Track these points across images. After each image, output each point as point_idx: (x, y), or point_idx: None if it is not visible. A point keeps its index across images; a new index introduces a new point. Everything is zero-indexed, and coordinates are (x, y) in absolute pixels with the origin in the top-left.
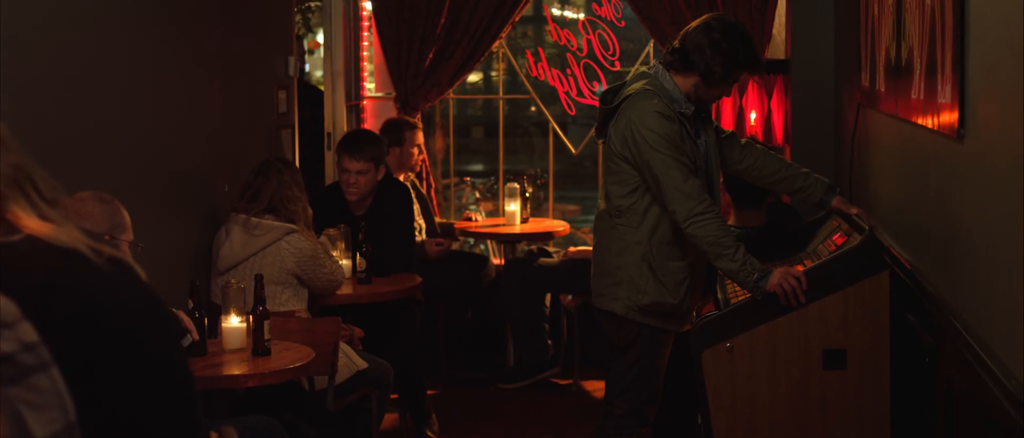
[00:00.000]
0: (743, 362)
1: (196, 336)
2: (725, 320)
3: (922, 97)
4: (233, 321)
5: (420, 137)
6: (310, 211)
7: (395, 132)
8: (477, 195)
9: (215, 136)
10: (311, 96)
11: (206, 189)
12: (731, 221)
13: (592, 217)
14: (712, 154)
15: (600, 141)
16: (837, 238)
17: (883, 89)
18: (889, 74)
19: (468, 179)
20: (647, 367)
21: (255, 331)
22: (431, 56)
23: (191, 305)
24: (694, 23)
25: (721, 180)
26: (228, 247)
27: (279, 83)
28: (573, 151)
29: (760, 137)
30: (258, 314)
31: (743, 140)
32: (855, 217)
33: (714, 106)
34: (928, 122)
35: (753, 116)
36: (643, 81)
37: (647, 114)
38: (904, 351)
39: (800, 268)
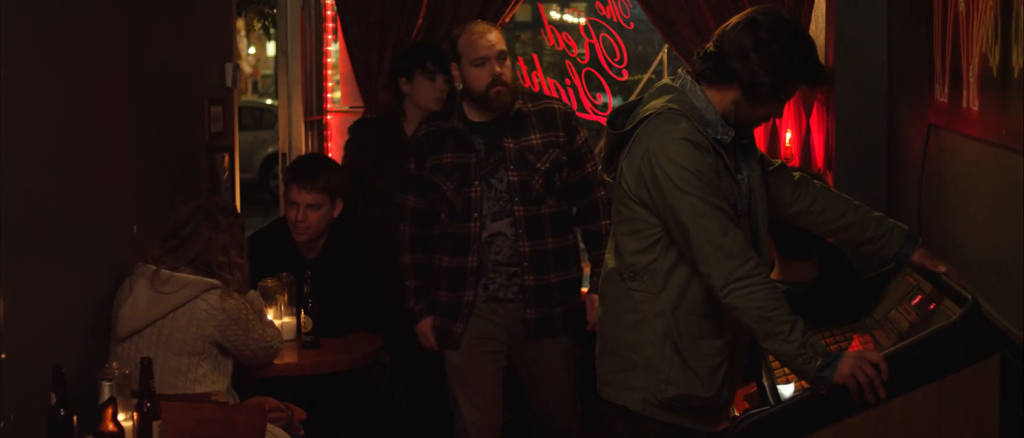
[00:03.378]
0: None
1: None
2: (777, 420)
3: None
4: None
5: None
6: (248, 288)
7: None
8: None
9: (123, 161)
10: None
11: (109, 230)
12: (773, 275)
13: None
14: (757, 194)
15: (607, 177)
16: (917, 303)
17: (976, 107)
18: (986, 88)
19: None
20: None
21: (139, 435)
22: None
23: (54, 401)
24: (735, 19)
25: None
26: (130, 307)
27: (213, 96)
28: None
29: (796, 161)
30: (145, 412)
31: (796, 174)
32: (944, 277)
33: None
34: None
35: (788, 136)
36: (665, 97)
37: (671, 142)
38: None
39: (859, 343)
